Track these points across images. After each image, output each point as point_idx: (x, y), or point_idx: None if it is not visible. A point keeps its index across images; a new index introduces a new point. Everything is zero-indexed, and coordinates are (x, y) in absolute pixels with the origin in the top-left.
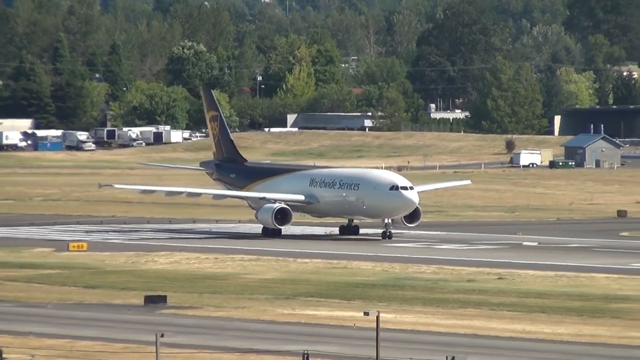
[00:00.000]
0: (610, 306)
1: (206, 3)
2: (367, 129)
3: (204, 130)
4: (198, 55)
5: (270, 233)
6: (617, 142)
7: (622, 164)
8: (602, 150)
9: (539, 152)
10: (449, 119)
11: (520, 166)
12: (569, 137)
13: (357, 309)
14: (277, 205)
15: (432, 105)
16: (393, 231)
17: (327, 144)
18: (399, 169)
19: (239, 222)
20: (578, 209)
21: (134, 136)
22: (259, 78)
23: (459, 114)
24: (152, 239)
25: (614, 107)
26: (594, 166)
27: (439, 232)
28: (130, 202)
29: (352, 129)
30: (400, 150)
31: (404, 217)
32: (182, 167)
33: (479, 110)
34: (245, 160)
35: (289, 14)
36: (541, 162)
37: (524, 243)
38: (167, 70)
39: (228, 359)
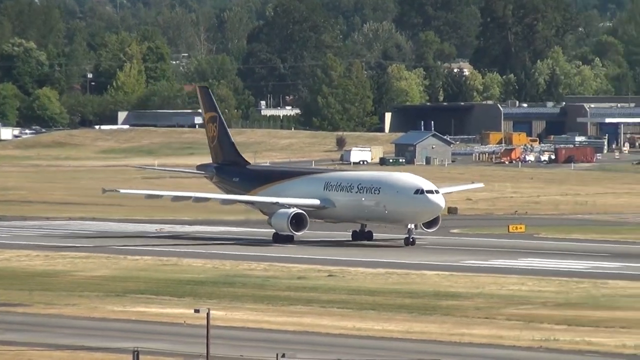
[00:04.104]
0: (440, 303)
1: (36, 0)
2: (197, 126)
3: (33, 128)
4: (28, 53)
5: (282, 239)
6: (448, 139)
7: (452, 161)
8: (432, 148)
9: (369, 149)
10: (279, 116)
11: (350, 163)
12: (400, 134)
13: (188, 306)
14: (292, 211)
15: (263, 102)
16: (416, 237)
17: (158, 141)
18: None
19: (69, 219)
20: None
21: None
22: (90, 75)
23: (289, 111)
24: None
25: (445, 104)
26: (425, 163)
27: (270, 230)
28: None
29: (183, 126)
30: None
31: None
32: (179, 171)
33: (310, 107)
34: (248, 163)
35: (119, 11)
36: (372, 159)
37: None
38: None
39: (59, 357)
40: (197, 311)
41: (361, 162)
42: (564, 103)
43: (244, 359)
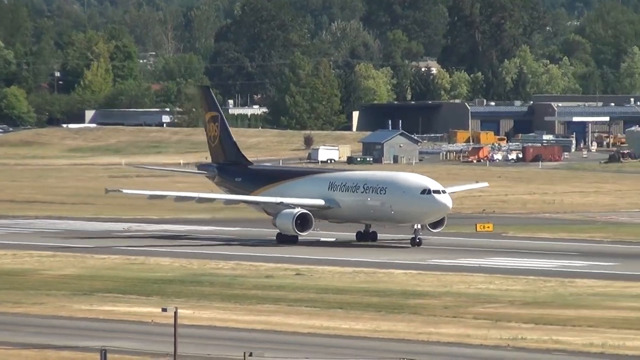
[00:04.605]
0: (408, 302)
1: None
2: (165, 125)
3: (1, 126)
4: None
5: (286, 240)
6: (415, 137)
7: (420, 160)
8: (400, 146)
9: (337, 148)
10: (247, 114)
11: (318, 162)
12: (367, 133)
13: (155, 304)
14: (297, 211)
15: (231, 101)
16: (422, 237)
17: (125, 139)
18: (196, 166)
19: (36, 217)
20: None
21: None
22: (57, 74)
23: (257, 110)
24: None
25: (412, 102)
26: (392, 162)
27: (234, 228)
28: None
29: (150, 125)
30: (198, 146)
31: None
32: (180, 171)
33: (278, 106)
34: (250, 163)
35: (87, 9)
36: (339, 158)
37: (322, 239)
38: None
39: (26, 355)
40: (164, 310)
41: (329, 161)
42: (532, 102)
43: (212, 358)
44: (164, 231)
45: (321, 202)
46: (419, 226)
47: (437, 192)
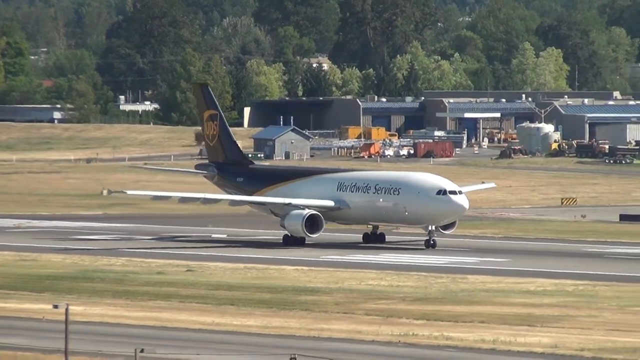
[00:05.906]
0: (299, 298)
1: None
2: (56, 121)
3: None
4: None
5: (293, 242)
6: (307, 133)
7: (311, 156)
8: (291, 142)
9: None
10: (138, 111)
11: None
12: (259, 129)
13: (47, 301)
14: (307, 212)
15: (122, 97)
16: (436, 238)
17: (16, 136)
18: (87, 161)
19: None
20: None
21: None
22: None
23: (148, 106)
24: None
25: (304, 98)
26: (284, 158)
27: (128, 225)
28: None
29: (42, 121)
30: (89, 142)
31: None
32: (176, 170)
33: (169, 102)
34: (251, 163)
35: None
36: None
37: (213, 235)
38: None
39: None
40: (55, 306)
41: None
42: (423, 98)
43: (103, 354)
44: (56, 227)
45: (330, 203)
46: (433, 227)
47: (453, 192)
